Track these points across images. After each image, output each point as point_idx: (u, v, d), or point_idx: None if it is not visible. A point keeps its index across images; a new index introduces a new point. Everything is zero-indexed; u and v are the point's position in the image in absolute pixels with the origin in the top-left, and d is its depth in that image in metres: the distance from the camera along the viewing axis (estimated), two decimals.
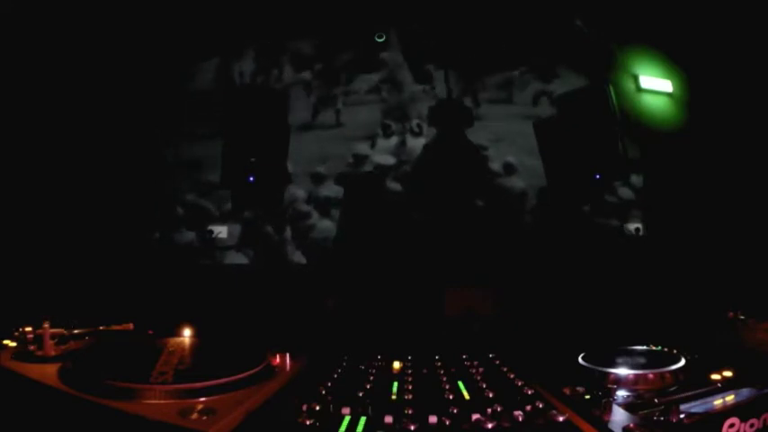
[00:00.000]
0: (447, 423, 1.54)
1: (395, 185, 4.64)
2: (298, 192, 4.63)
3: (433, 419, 1.56)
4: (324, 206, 4.63)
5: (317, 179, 4.66)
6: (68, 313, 2.49)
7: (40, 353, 2.08)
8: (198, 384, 1.75)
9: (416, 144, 4.73)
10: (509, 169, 4.67)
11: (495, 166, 4.68)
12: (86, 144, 3.83)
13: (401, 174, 4.66)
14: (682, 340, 2.35)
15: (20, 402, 1.81)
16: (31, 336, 2.19)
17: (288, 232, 4.56)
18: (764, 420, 1.69)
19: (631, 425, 1.50)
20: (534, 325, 3.24)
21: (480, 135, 4.67)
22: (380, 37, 4.63)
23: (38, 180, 3.61)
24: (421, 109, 4.84)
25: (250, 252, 4.51)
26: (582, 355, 2.17)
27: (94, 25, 3.77)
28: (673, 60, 4.12)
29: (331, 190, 4.65)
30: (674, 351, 2.22)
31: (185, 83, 4.68)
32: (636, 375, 1.97)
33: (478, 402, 1.72)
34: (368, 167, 4.69)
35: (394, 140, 4.83)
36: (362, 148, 4.77)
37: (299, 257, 4.54)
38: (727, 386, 1.89)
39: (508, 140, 4.72)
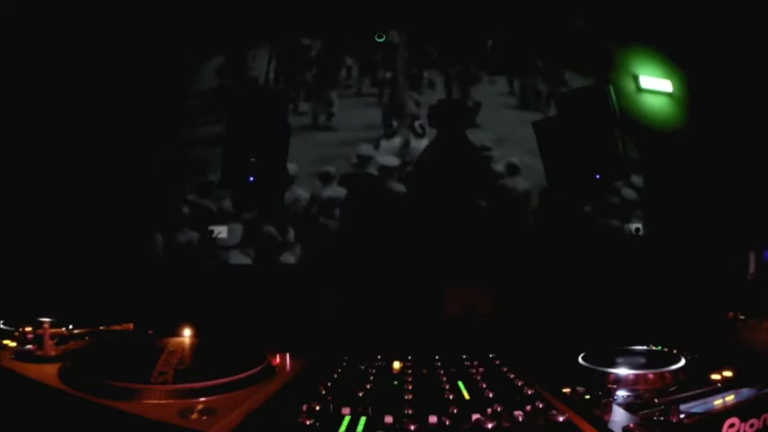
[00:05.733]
0: (447, 423, 1.54)
1: (399, 186, 4.64)
2: (301, 192, 4.64)
3: (433, 419, 1.56)
4: (326, 207, 4.64)
5: (322, 180, 4.67)
6: (68, 313, 2.49)
7: (40, 353, 2.09)
8: (198, 384, 1.75)
9: (420, 145, 4.74)
10: (512, 170, 4.67)
11: (499, 166, 4.69)
12: (86, 144, 3.84)
13: (405, 174, 4.67)
14: (682, 340, 2.35)
15: (20, 402, 1.81)
16: (31, 336, 2.20)
17: (290, 232, 4.56)
18: (764, 420, 1.69)
19: (631, 425, 1.50)
20: (534, 325, 3.24)
21: (483, 136, 4.68)
22: (380, 37, 4.63)
23: (39, 180, 3.61)
24: (422, 110, 4.85)
25: (250, 252, 4.52)
26: (582, 355, 2.17)
27: (97, 25, 3.77)
28: (673, 60, 4.12)
29: (335, 191, 4.66)
30: (674, 351, 2.22)
31: (187, 83, 4.69)
32: (636, 375, 1.97)
33: (478, 402, 1.72)
34: (372, 168, 4.70)
35: (397, 141, 4.84)
36: (366, 149, 4.78)
37: (299, 258, 4.54)
38: (727, 386, 1.89)
39: (511, 141, 4.73)
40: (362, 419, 1.58)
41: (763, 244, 3.25)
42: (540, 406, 1.65)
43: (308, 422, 1.53)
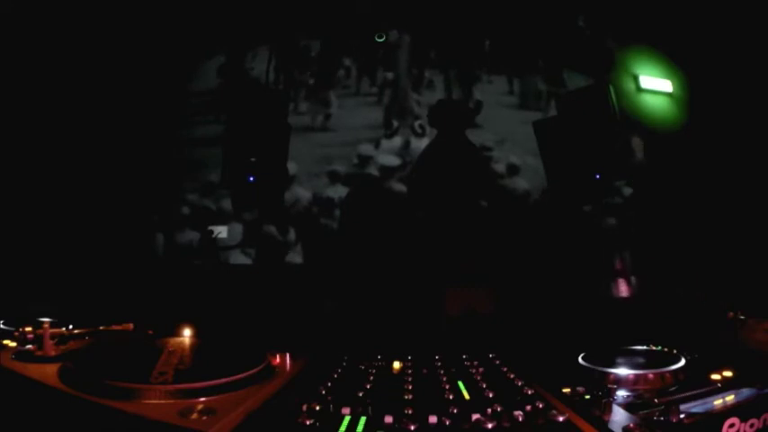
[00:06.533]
0: (447, 423, 1.54)
1: (399, 186, 4.64)
2: (301, 192, 4.64)
3: (433, 419, 1.56)
4: (327, 206, 4.64)
5: (330, 178, 4.67)
6: (68, 313, 2.50)
7: (40, 353, 2.09)
8: (198, 384, 1.75)
9: (420, 145, 4.73)
10: (512, 170, 4.67)
11: (500, 167, 4.68)
12: (87, 143, 3.84)
13: (405, 174, 4.66)
14: (682, 340, 2.35)
15: (20, 402, 1.81)
16: (31, 336, 2.20)
17: (290, 232, 4.56)
18: (764, 420, 1.69)
19: (631, 425, 1.50)
20: (534, 325, 3.24)
21: (484, 136, 4.68)
22: (380, 37, 4.63)
23: (39, 179, 3.61)
24: (422, 110, 4.85)
25: (251, 252, 4.52)
26: (582, 355, 2.17)
27: (98, 23, 3.78)
28: (673, 60, 4.12)
29: (336, 190, 4.66)
30: (674, 351, 2.23)
31: (188, 82, 4.69)
32: (636, 375, 1.97)
33: (478, 402, 1.72)
34: (372, 168, 4.70)
35: (398, 141, 4.84)
36: (367, 148, 4.78)
37: (300, 257, 4.54)
38: (727, 386, 1.90)
39: (511, 141, 4.72)
40: (362, 419, 1.58)
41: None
42: (540, 406, 1.65)
43: (307, 422, 1.53)
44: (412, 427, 1.49)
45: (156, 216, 4.43)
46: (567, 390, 1.86)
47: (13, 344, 2.23)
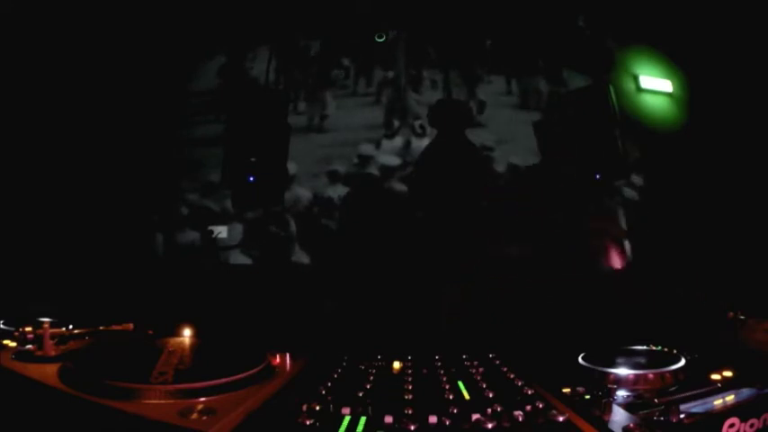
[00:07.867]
0: (447, 423, 1.54)
1: (400, 186, 4.64)
2: (301, 192, 4.63)
3: (433, 419, 1.56)
4: (327, 206, 4.63)
5: (330, 178, 4.66)
6: (68, 313, 2.50)
7: (40, 353, 2.09)
8: (198, 384, 1.76)
9: (420, 145, 4.73)
10: (513, 170, 4.66)
11: (500, 167, 4.67)
12: (87, 143, 3.84)
13: (406, 174, 4.66)
14: (682, 340, 2.35)
15: (20, 402, 1.81)
16: (31, 336, 2.20)
17: (290, 232, 4.56)
18: (764, 420, 1.69)
19: (631, 425, 1.50)
20: (534, 325, 3.24)
21: (484, 135, 4.68)
22: (380, 37, 4.63)
23: (39, 179, 3.62)
24: (422, 110, 4.84)
25: (251, 252, 4.52)
26: (582, 355, 2.17)
27: (98, 23, 3.78)
28: (673, 60, 4.12)
29: (336, 190, 4.65)
30: (674, 351, 2.23)
31: (188, 82, 4.69)
32: (636, 375, 1.97)
33: (478, 402, 1.72)
34: (373, 168, 4.70)
35: (399, 141, 4.83)
36: (367, 148, 4.78)
37: (300, 257, 4.54)
38: (727, 386, 1.90)
39: (512, 141, 4.72)
40: (362, 419, 1.58)
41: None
42: (540, 406, 1.65)
43: (307, 422, 1.53)
44: (412, 427, 1.50)
45: (156, 216, 4.42)
46: (567, 390, 1.86)
47: (13, 344, 2.23)
